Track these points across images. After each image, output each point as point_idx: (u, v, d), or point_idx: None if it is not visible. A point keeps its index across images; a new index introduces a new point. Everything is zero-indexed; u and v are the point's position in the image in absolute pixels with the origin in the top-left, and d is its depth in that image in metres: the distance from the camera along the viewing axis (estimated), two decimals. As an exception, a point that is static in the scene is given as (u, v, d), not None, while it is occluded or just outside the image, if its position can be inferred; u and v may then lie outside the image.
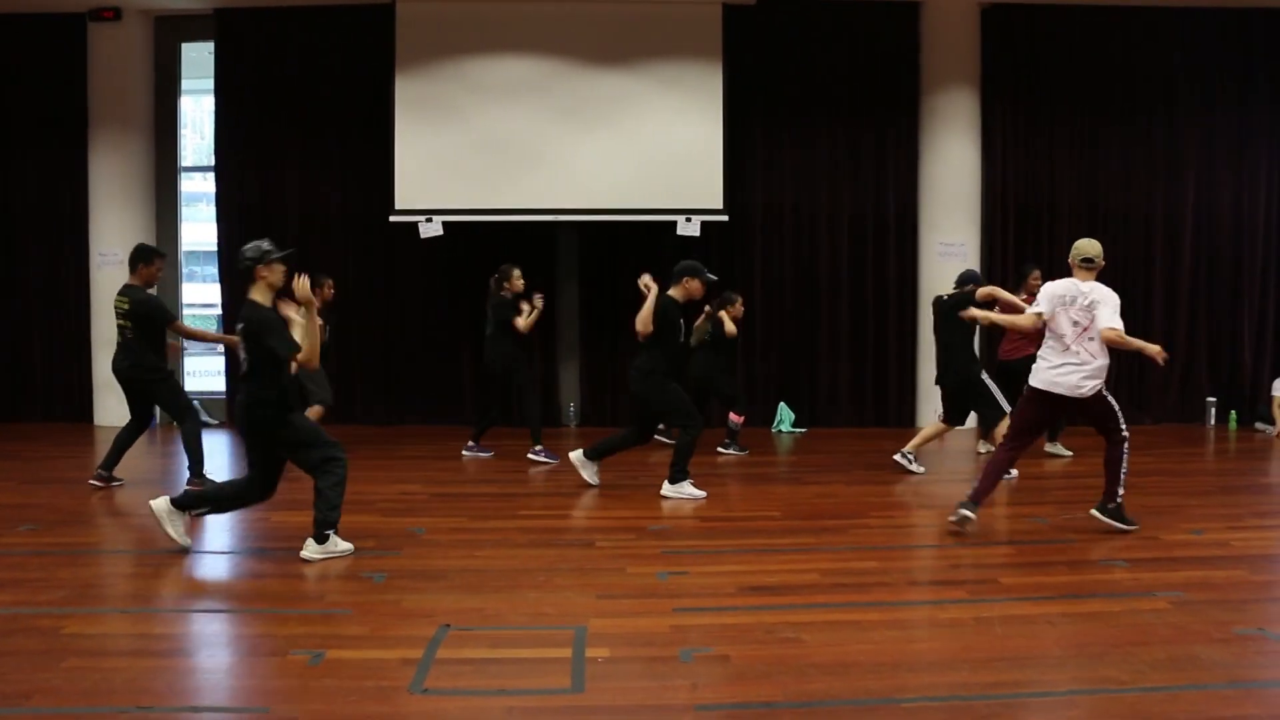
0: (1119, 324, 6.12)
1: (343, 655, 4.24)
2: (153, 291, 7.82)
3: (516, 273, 8.85)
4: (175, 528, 5.79)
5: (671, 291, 7.47)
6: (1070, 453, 9.21)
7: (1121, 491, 6.29)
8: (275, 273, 5.73)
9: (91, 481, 7.70)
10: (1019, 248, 11.20)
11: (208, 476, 7.65)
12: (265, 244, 5.74)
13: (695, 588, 5.23)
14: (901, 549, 6.13)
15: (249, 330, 5.63)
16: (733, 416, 9.50)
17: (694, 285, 7.49)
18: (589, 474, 7.71)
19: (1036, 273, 9.11)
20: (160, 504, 5.80)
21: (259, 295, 5.69)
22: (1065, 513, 6.84)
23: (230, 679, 4.11)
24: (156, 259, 7.74)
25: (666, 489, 7.41)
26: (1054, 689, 3.88)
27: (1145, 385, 11.30)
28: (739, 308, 9.34)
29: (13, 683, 3.95)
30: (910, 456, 8.44)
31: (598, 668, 4.09)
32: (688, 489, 7.40)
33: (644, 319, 7.32)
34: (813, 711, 3.71)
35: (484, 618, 4.73)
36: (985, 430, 8.69)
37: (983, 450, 9.17)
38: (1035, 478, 8.34)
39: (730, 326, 9.13)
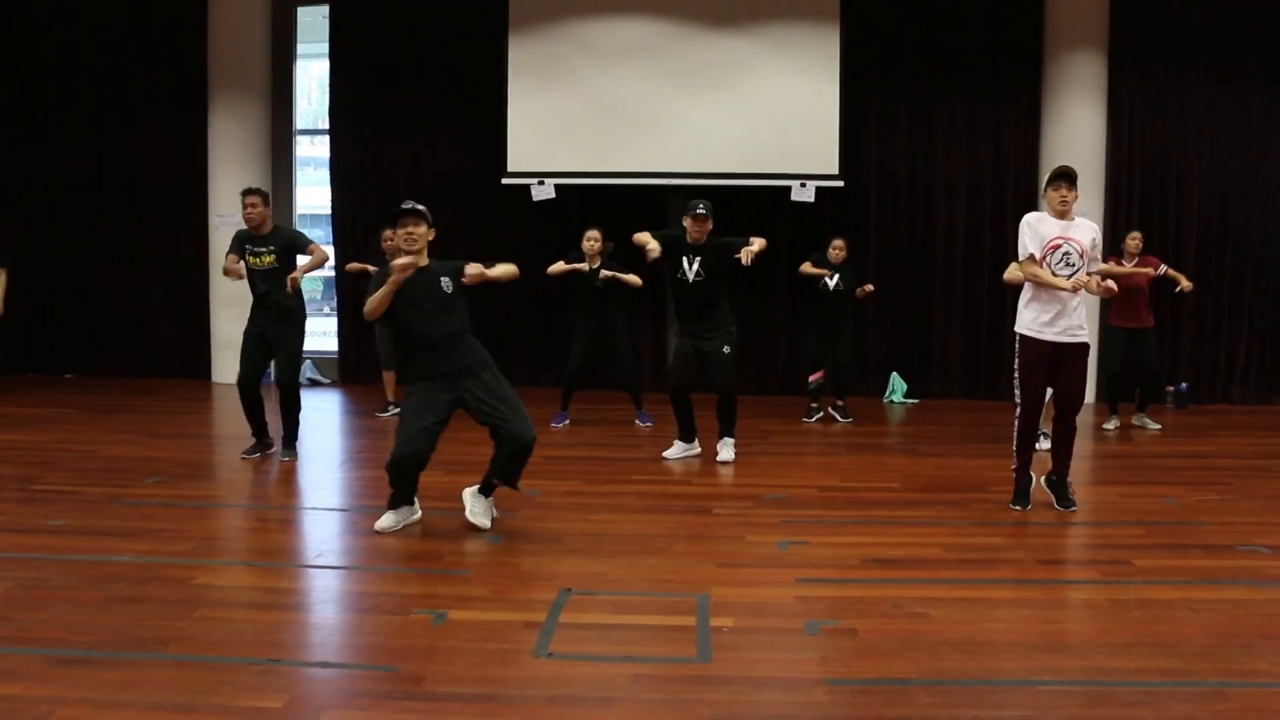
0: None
1: (465, 616, 4.24)
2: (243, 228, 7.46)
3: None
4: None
5: None
6: (1159, 426, 9.14)
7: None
8: None
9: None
10: (1145, 217, 10.70)
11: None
12: None
13: (817, 558, 5.14)
14: (1026, 525, 5.90)
15: None
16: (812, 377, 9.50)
17: (686, 221, 7.32)
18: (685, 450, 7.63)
19: (1135, 235, 9.12)
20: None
21: None
22: (1196, 494, 6.58)
23: (356, 636, 4.15)
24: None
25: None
26: (1202, 679, 3.68)
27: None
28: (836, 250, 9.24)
29: (152, 629, 4.05)
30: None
31: (723, 637, 4.02)
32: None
33: None
34: (947, 690, 3.59)
35: (604, 583, 4.69)
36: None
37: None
38: (1161, 457, 8.06)
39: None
